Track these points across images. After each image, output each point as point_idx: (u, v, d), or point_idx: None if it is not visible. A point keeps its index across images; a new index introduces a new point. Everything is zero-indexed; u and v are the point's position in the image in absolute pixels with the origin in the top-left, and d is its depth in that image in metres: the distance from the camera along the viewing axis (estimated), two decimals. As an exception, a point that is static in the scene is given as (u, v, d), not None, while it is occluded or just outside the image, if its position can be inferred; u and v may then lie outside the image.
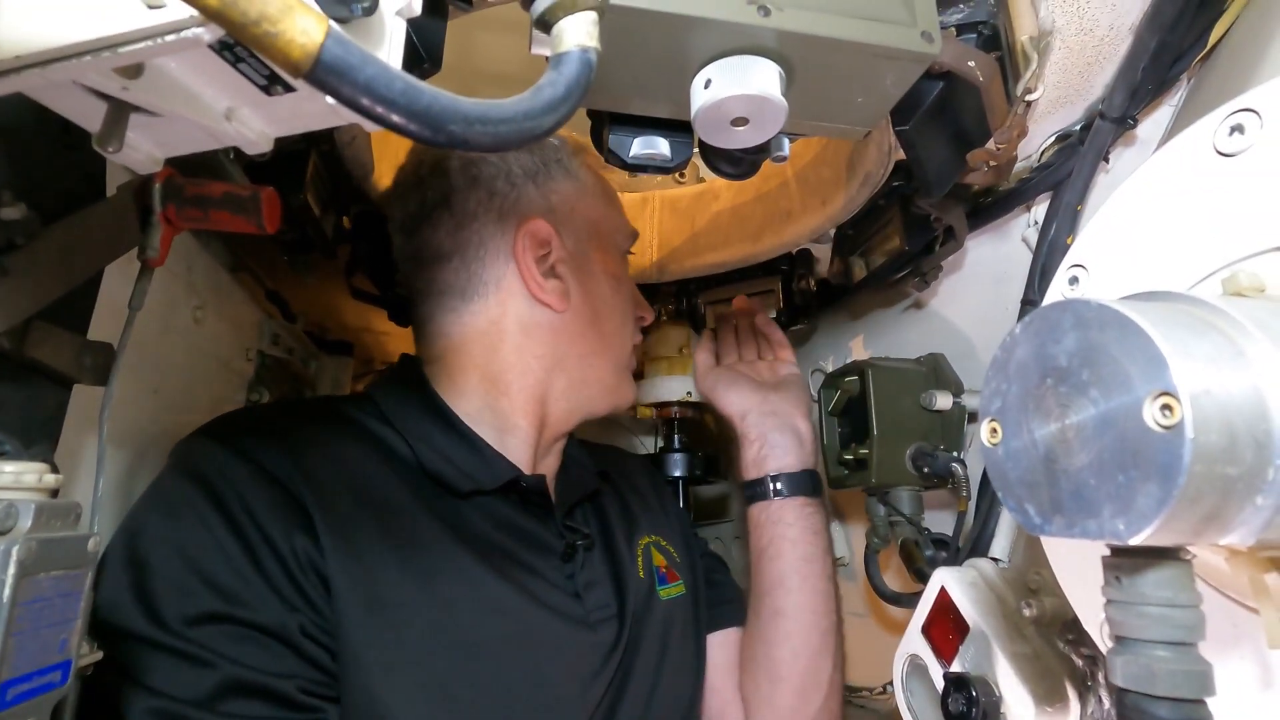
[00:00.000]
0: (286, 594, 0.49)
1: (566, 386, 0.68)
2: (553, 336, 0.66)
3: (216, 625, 0.47)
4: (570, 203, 0.69)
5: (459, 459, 0.62)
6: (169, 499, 0.50)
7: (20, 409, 0.41)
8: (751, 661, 0.75)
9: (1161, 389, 0.23)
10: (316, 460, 0.55)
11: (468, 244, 0.66)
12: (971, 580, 0.54)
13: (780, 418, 0.78)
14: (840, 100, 0.45)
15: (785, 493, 0.75)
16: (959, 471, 0.66)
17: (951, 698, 0.47)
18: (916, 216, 0.67)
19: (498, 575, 0.58)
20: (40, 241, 0.37)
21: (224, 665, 0.46)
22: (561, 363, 0.67)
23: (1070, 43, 0.50)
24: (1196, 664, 0.25)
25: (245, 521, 0.49)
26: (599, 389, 0.70)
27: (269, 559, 0.49)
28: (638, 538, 0.75)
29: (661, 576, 0.74)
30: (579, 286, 0.68)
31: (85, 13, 0.23)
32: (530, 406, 0.66)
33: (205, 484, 0.50)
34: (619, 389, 0.71)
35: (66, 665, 0.30)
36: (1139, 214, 0.36)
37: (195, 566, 0.47)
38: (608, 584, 0.68)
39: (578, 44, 0.28)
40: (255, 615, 0.48)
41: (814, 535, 0.75)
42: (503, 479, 0.63)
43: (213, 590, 0.47)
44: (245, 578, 0.48)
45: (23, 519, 0.28)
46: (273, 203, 0.46)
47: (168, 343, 0.61)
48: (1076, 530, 0.26)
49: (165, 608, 0.46)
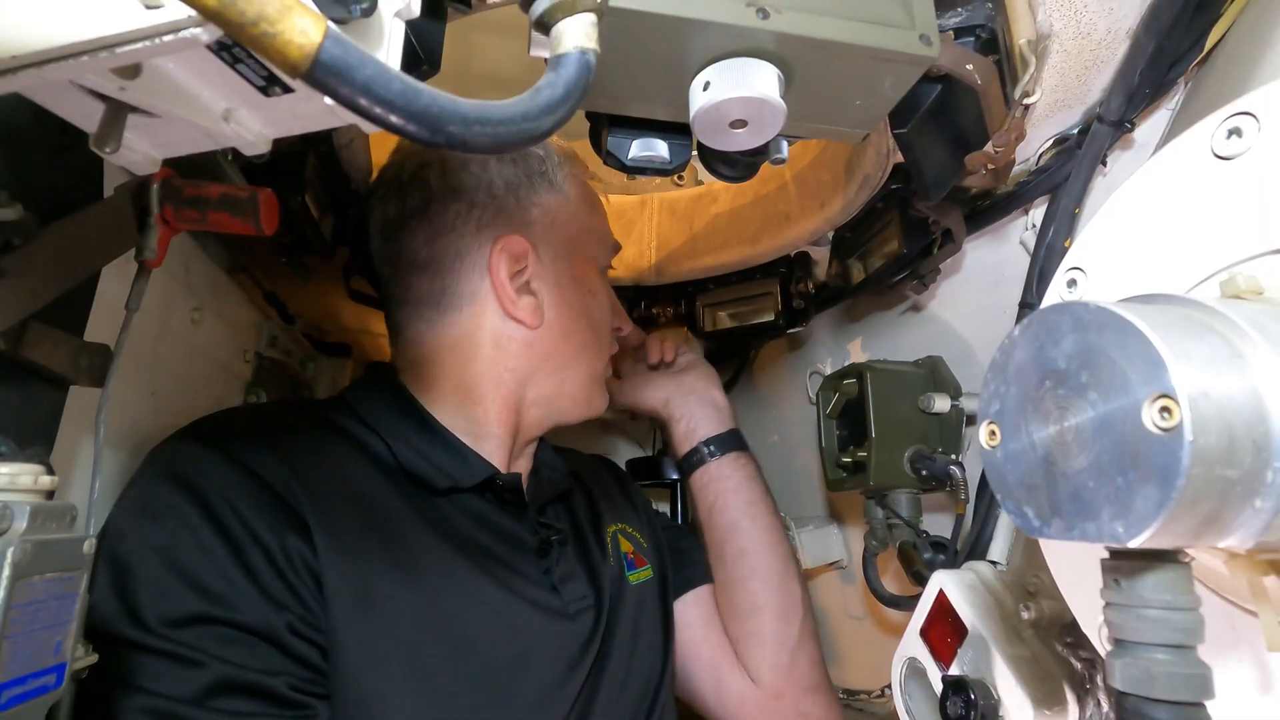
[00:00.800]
0: (275, 593, 0.49)
1: (538, 397, 0.68)
2: (525, 351, 0.67)
3: (203, 627, 0.47)
4: (551, 216, 0.69)
5: (436, 458, 0.62)
6: (150, 503, 0.50)
7: (16, 410, 0.40)
8: (729, 603, 0.79)
9: (1160, 391, 0.23)
10: (303, 460, 0.56)
11: (444, 255, 0.66)
12: (970, 583, 0.53)
13: (698, 394, 0.85)
14: (839, 103, 0.45)
15: (718, 453, 0.82)
16: (957, 474, 0.66)
17: (950, 701, 0.47)
18: (915, 219, 0.67)
19: (479, 570, 0.59)
20: (37, 242, 0.37)
21: (214, 664, 0.46)
22: (534, 375, 0.68)
23: (1068, 46, 0.50)
24: (1196, 667, 0.25)
25: (232, 523, 0.49)
26: (570, 401, 0.71)
27: (258, 558, 0.49)
28: (605, 526, 0.77)
29: (630, 562, 0.76)
30: (553, 302, 0.68)
31: (83, 13, 0.23)
32: (503, 415, 0.67)
33: (188, 487, 0.50)
34: (591, 400, 0.72)
35: (61, 668, 0.30)
36: (1137, 217, 0.36)
37: (179, 569, 0.47)
38: (583, 577, 0.69)
39: (576, 45, 0.28)
40: (241, 616, 0.48)
41: (752, 481, 0.82)
42: (479, 477, 0.63)
43: (198, 592, 0.47)
44: (230, 579, 0.48)
45: (18, 521, 0.28)
46: (271, 204, 0.46)
47: (165, 344, 0.61)
48: (1075, 533, 0.26)
49: (148, 611, 0.46)
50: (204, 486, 0.50)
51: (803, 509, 0.99)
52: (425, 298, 0.67)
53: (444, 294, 0.66)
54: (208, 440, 0.54)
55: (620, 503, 0.84)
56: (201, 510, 0.49)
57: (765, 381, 1.09)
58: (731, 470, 0.81)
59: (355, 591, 0.52)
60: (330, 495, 0.55)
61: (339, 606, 0.51)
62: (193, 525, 0.49)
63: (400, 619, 0.54)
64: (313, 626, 0.51)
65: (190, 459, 0.52)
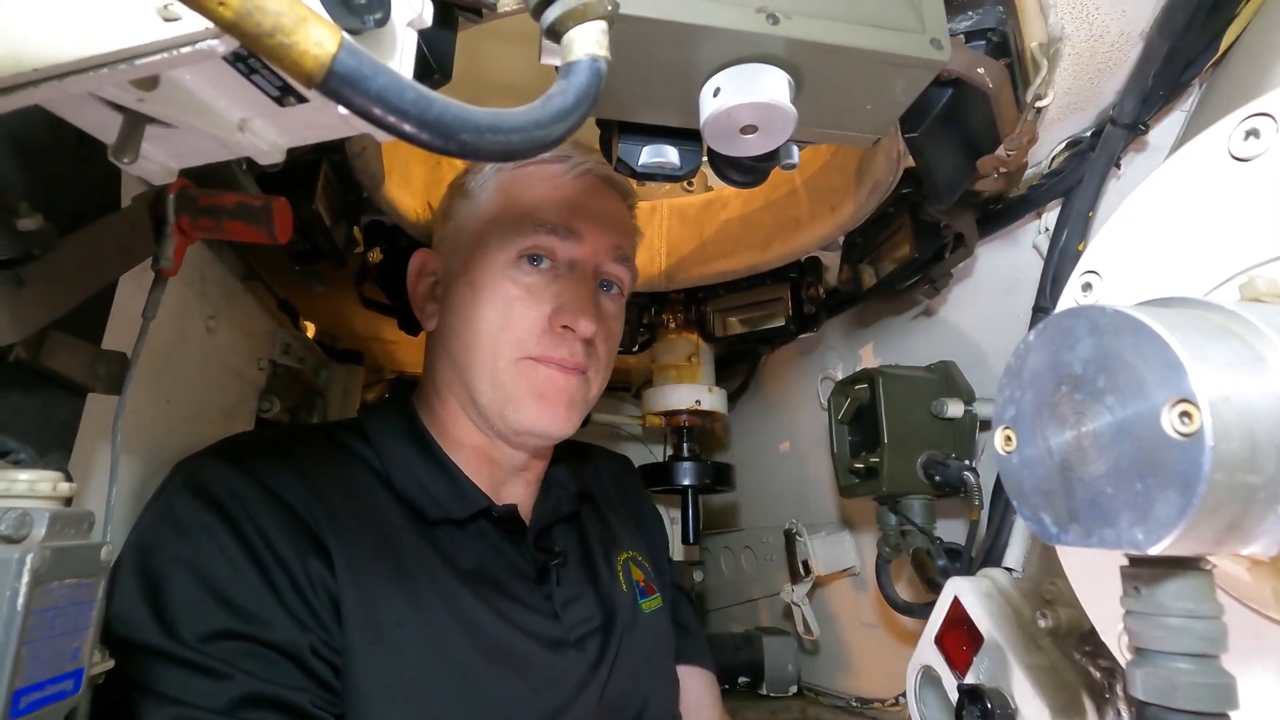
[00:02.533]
0: (298, 613, 0.51)
1: (476, 411, 0.64)
2: (434, 359, 0.68)
3: (232, 642, 0.48)
4: (458, 224, 0.69)
5: (433, 487, 0.63)
6: (180, 519, 0.51)
7: (35, 417, 0.41)
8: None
9: (1180, 396, 0.23)
10: (325, 485, 0.57)
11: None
12: (985, 590, 0.53)
13: None
14: (849, 108, 0.45)
15: None
16: (971, 480, 0.65)
17: (966, 710, 0.46)
18: (926, 224, 0.66)
19: (479, 600, 0.59)
20: (56, 252, 0.38)
21: (241, 678, 0.47)
22: (449, 385, 0.66)
23: (1080, 49, 0.50)
24: (1219, 676, 0.25)
25: (258, 543, 0.51)
26: (489, 406, 0.63)
27: (282, 579, 0.51)
28: (617, 554, 0.76)
29: (642, 590, 0.75)
30: (449, 306, 0.66)
31: (102, 26, 0.24)
32: (465, 435, 0.66)
33: (218, 506, 0.52)
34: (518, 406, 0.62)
35: (79, 674, 0.30)
36: (1153, 220, 0.36)
37: (210, 586, 0.49)
38: (589, 598, 0.68)
39: (588, 53, 0.28)
40: (271, 634, 0.49)
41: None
42: (472, 509, 0.63)
43: (228, 609, 0.48)
44: (260, 597, 0.50)
45: (37, 527, 0.28)
46: (284, 212, 0.46)
47: (181, 352, 0.61)
48: (1094, 539, 0.26)
49: (181, 624, 0.47)
50: (233, 507, 0.52)
51: (814, 515, 0.98)
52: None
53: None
54: (236, 461, 0.55)
55: (631, 529, 0.83)
56: (230, 529, 0.51)
57: (776, 387, 1.09)
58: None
59: (367, 618, 0.53)
60: (348, 520, 0.56)
61: (351, 633, 0.53)
62: (222, 543, 0.50)
63: (405, 648, 0.54)
64: (331, 648, 0.52)
65: (220, 479, 0.53)
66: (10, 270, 0.35)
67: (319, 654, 0.51)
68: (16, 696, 0.27)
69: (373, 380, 1.17)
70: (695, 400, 0.94)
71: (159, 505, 0.53)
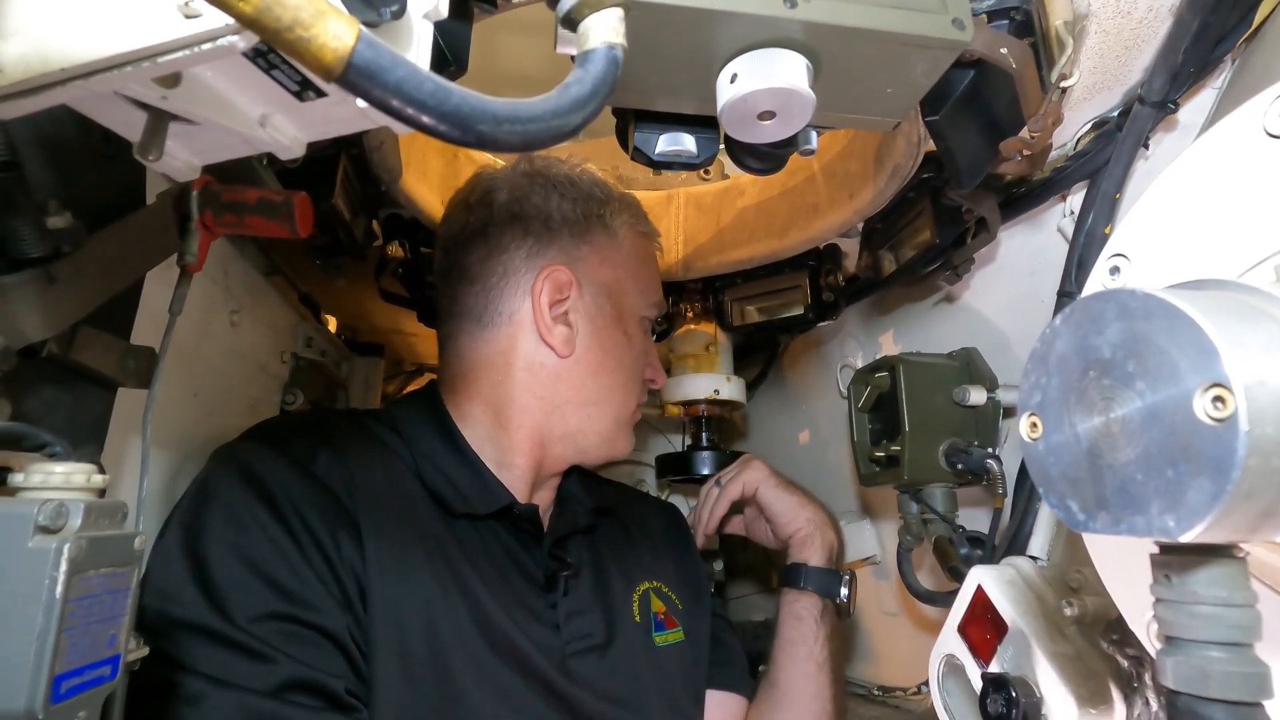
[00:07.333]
0: (336, 595, 0.52)
1: (565, 433, 0.70)
2: (554, 380, 0.68)
3: (278, 623, 0.49)
4: (600, 256, 0.71)
5: (459, 480, 0.64)
6: (224, 500, 0.53)
7: (68, 412, 0.42)
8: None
9: (1213, 380, 0.22)
10: (359, 469, 0.58)
11: (492, 272, 0.69)
12: (1009, 579, 0.52)
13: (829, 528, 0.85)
14: (869, 91, 0.44)
15: (814, 589, 0.81)
16: (994, 468, 0.64)
17: (990, 698, 0.46)
18: (947, 208, 0.65)
19: (491, 597, 0.60)
20: (85, 249, 0.38)
21: (285, 662, 0.48)
22: (561, 408, 0.69)
23: (1106, 26, 0.48)
24: (1253, 665, 0.24)
25: (298, 525, 0.52)
26: (595, 439, 0.71)
27: (319, 561, 0.52)
28: (637, 582, 0.76)
29: (659, 623, 0.75)
30: (587, 338, 0.70)
31: (126, 24, 0.24)
32: (527, 446, 0.68)
33: (260, 487, 0.53)
34: (615, 441, 0.73)
35: (115, 660, 0.31)
36: (1184, 200, 0.35)
37: (256, 567, 0.50)
38: (595, 613, 0.69)
39: (604, 41, 0.28)
40: (316, 616, 0.50)
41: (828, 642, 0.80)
42: (495, 505, 0.65)
43: (275, 590, 0.50)
44: (303, 579, 0.51)
45: (73, 518, 0.29)
46: (305, 207, 0.47)
47: (206, 346, 0.62)
48: (1123, 527, 0.25)
49: (231, 603, 0.48)
50: (275, 489, 0.53)
51: (835, 504, 0.97)
52: (469, 311, 0.69)
53: (486, 309, 0.69)
54: (276, 443, 0.57)
55: (665, 559, 0.81)
56: (272, 512, 0.52)
57: (795, 376, 1.08)
58: (818, 629, 0.80)
59: (383, 610, 0.54)
60: (379, 508, 0.57)
61: (375, 616, 0.54)
62: (265, 525, 0.52)
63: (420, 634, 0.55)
64: (360, 631, 0.53)
65: (261, 461, 0.55)
66: (41, 267, 0.36)
67: (353, 637, 0.52)
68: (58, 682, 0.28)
69: (393, 372, 1.18)
70: (714, 390, 0.94)
71: (202, 487, 0.54)
